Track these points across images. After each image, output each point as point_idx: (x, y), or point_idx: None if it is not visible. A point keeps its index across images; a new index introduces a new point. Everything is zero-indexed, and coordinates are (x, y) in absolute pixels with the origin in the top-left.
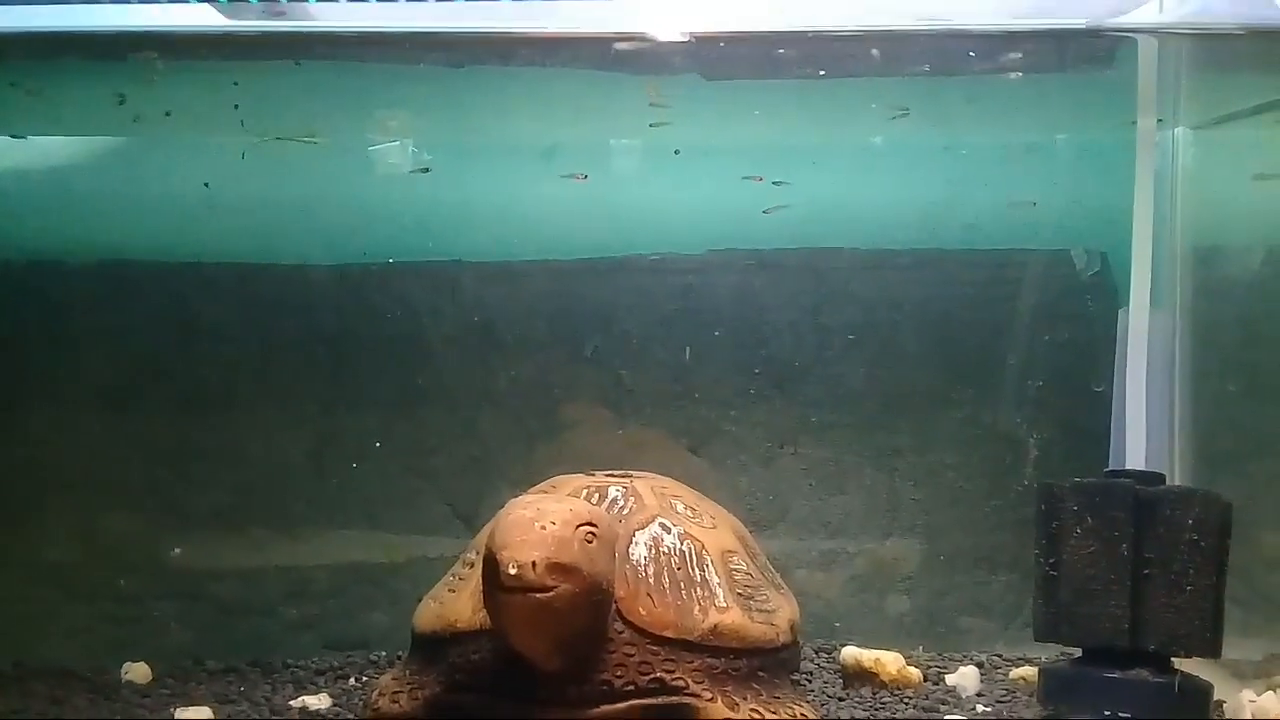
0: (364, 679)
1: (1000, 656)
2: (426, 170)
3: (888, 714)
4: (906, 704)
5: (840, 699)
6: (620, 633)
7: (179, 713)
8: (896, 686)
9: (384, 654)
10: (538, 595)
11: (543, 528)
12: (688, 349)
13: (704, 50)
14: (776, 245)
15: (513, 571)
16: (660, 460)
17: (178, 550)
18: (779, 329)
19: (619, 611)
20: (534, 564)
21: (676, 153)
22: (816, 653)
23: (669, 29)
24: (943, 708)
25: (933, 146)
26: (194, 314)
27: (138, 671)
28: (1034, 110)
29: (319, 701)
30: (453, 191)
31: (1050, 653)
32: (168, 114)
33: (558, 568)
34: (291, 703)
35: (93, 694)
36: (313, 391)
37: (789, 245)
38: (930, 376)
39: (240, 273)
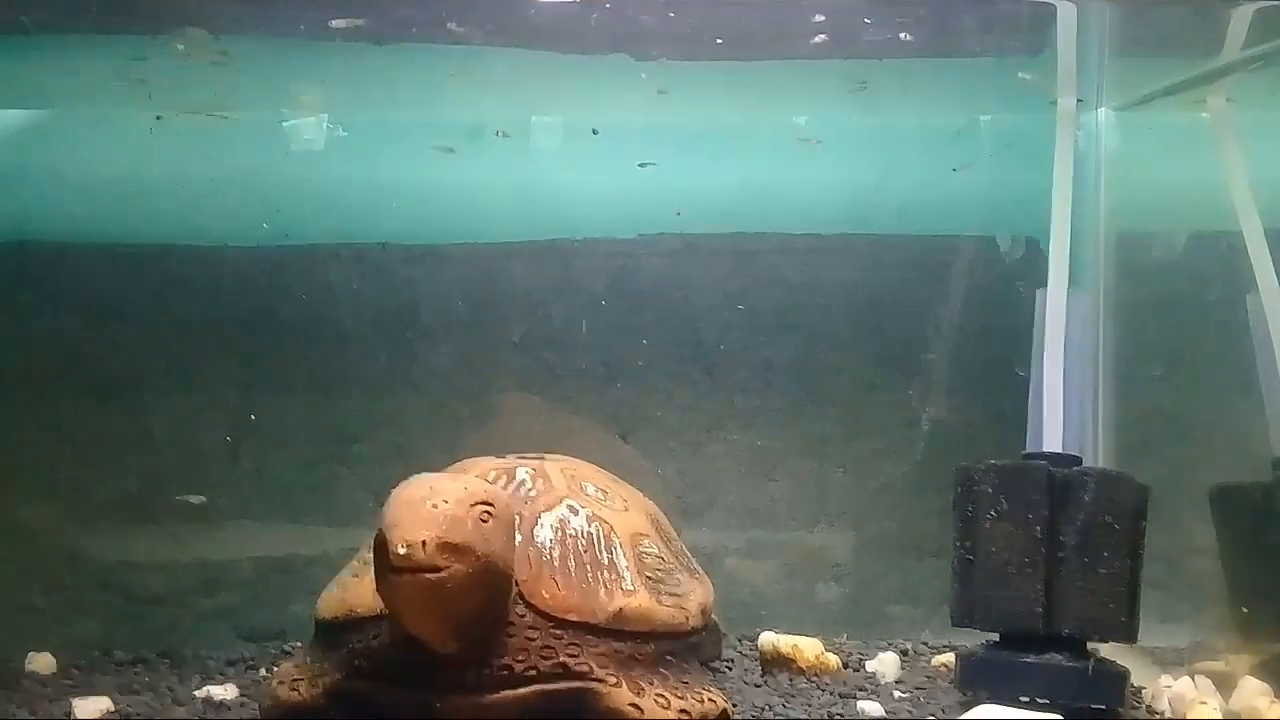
0: (274, 669)
1: (926, 644)
2: (451, 150)
3: (802, 700)
4: (823, 690)
5: (757, 685)
6: (522, 616)
7: (78, 703)
8: (814, 672)
9: (299, 644)
10: (428, 575)
11: (434, 506)
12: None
13: (631, 30)
14: (706, 230)
15: (402, 551)
16: (589, 447)
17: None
18: (708, 314)
19: (521, 594)
20: (424, 543)
21: (595, 132)
22: (740, 640)
23: None
24: (859, 694)
25: (861, 130)
26: (104, 296)
27: (41, 662)
28: (962, 93)
29: (225, 692)
30: (373, 171)
31: (977, 640)
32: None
33: (449, 547)
34: (196, 693)
35: None
36: (229, 376)
37: (718, 230)
38: (858, 362)
39: (153, 254)
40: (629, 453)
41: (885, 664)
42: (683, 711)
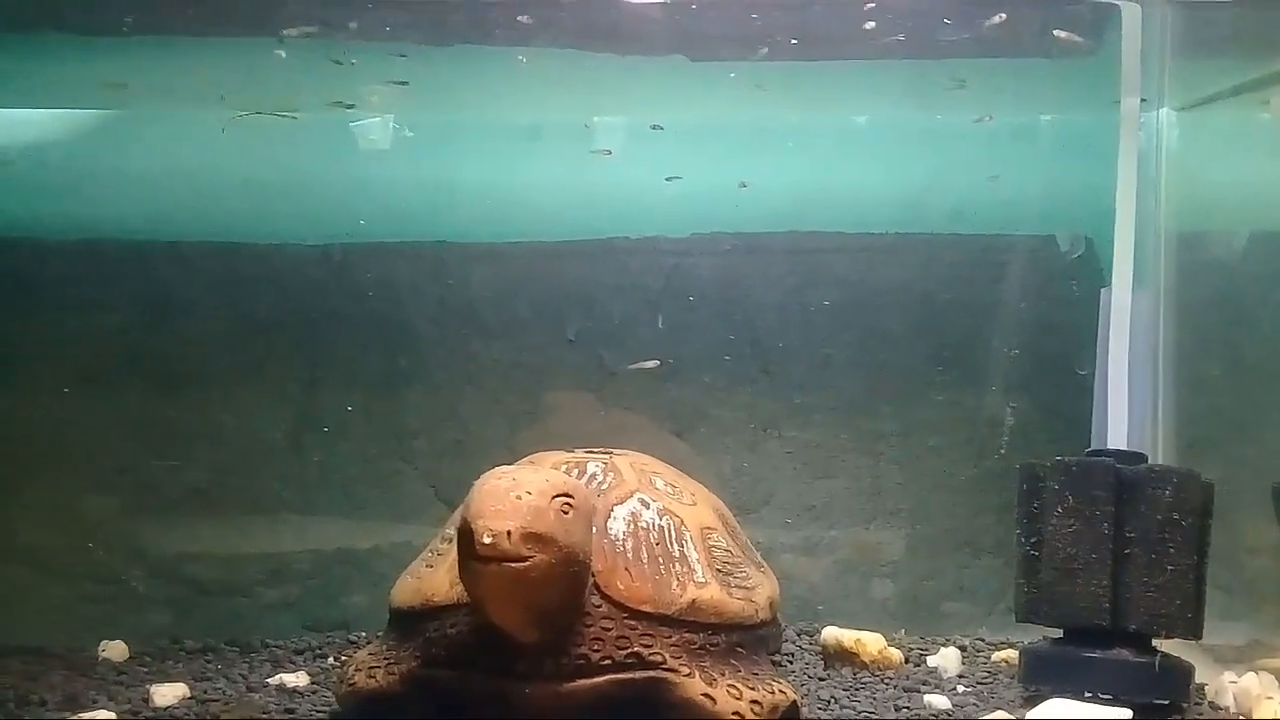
0: (342, 658)
1: (983, 640)
2: (608, 153)
3: (867, 694)
4: (887, 684)
5: (821, 679)
6: (598, 606)
7: (155, 689)
8: (877, 667)
9: (364, 634)
10: (512, 565)
11: (518, 497)
12: (660, 318)
13: (689, 30)
14: (760, 229)
15: (487, 541)
16: (644, 444)
17: None
18: (764, 312)
19: (596, 585)
20: (509, 533)
21: (660, 128)
22: (799, 635)
23: None
24: (923, 688)
25: (916, 129)
26: (173, 293)
27: (115, 649)
28: (1019, 92)
29: (297, 680)
30: (436, 171)
31: (1034, 637)
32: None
33: (533, 537)
34: (269, 680)
35: (68, 671)
36: (293, 372)
37: (773, 229)
38: (915, 360)
39: (220, 251)
40: (685, 450)
41: (947, 659)
42: (754, 702)
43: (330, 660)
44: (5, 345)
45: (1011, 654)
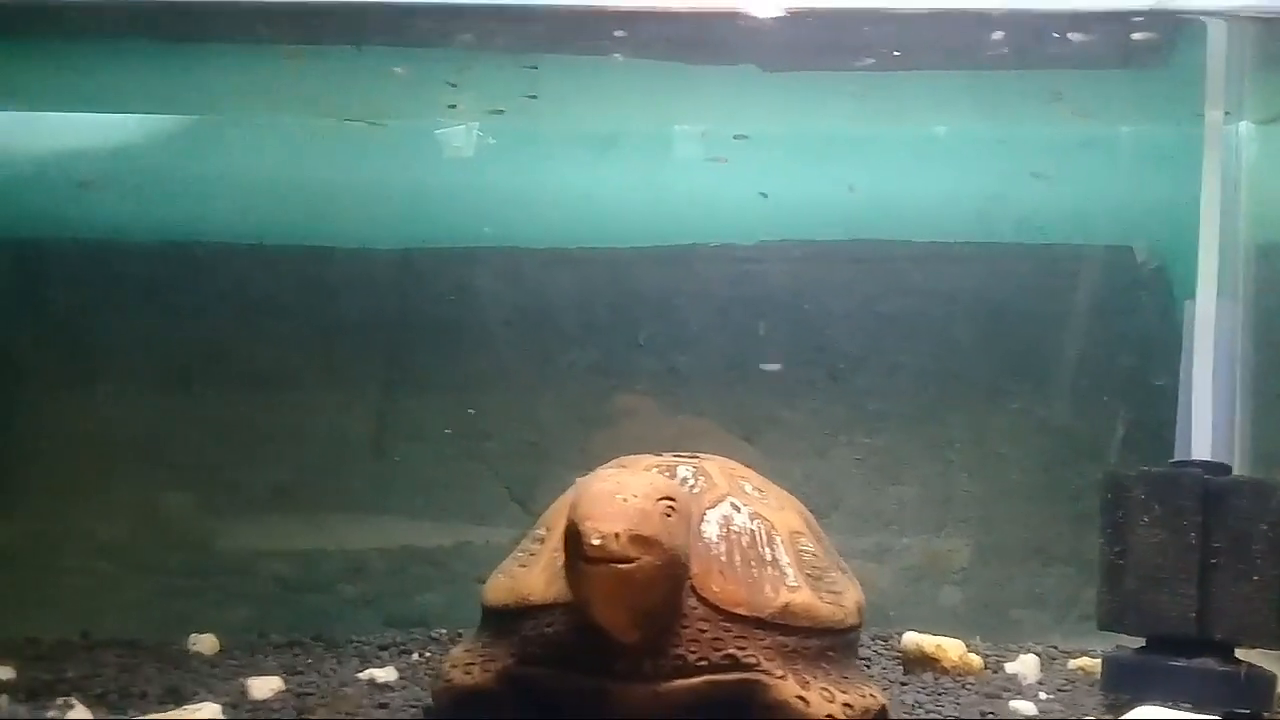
0: (427, 655)
1: (1056, 648)
2: (724, 160)
3: (951, 699)
4: (968, 690)
5: (902, 684)
6: (694, 609)
7: (251, 682)
8: (958, 673)
9: (444, 631)
10: (620, 566)
11: (624, 500)
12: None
13: (762, 41)
14: (829, 237)
15: (596, 542)
16: (714, 448)
17: None
18: (832, 319)
19: (692, 588)
20: (617, 535)
21: (741, 137)
22: (872, 640)
23: (767, 6)
24: (1005, 694)
25: (987, 139)
26: (258, 296)
27: (205, 643)
28: (1097, 104)
29: (386, 674)
30: (513, 178)
31: (1108, 646)
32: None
33: (639, 540)
34: (359, 675)
35: (161, 663)
36: (373, 374)
37: (841, 237)
38: (985, 368)
39: (306, 256)
40: (754, 454)
41: (1026, 666)
42: (846, 705)
43: (414, 656)
44: (93, 346)
45: (1088, 662)
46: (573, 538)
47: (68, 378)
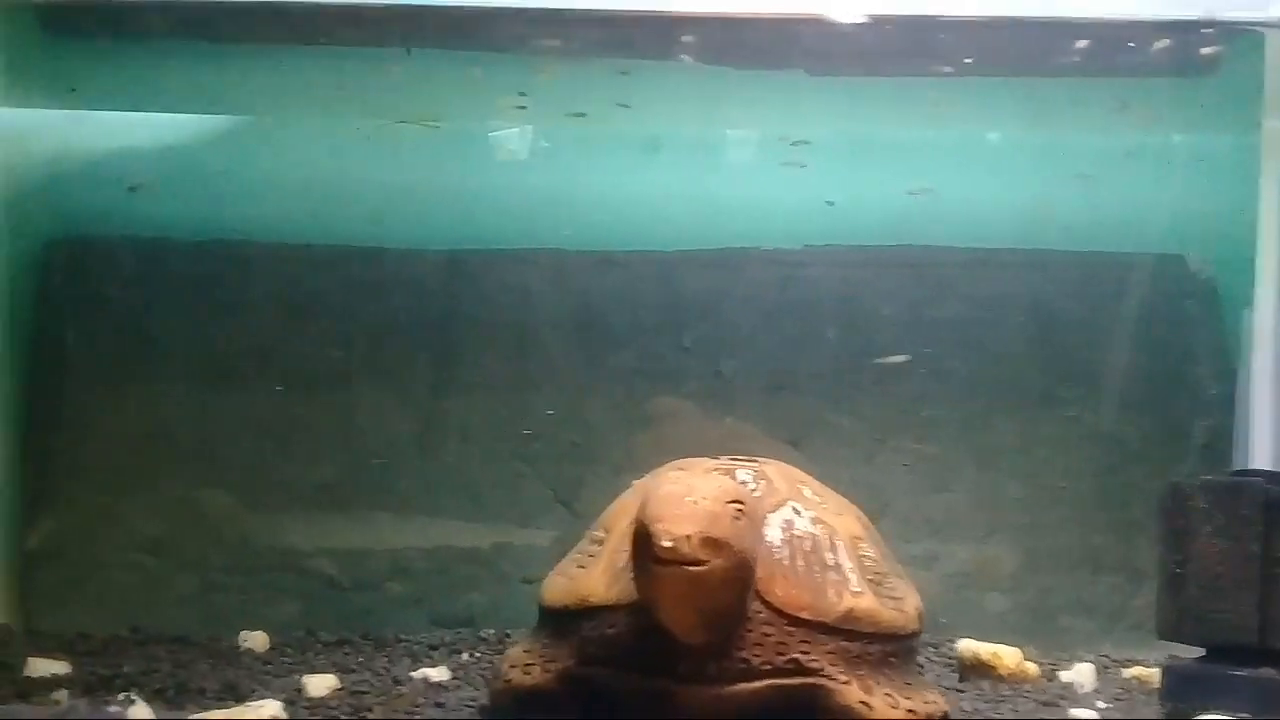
0: (477, 655)
1: (1108, 657)
2: (803, 166)
3: (1010, 707)
4: (1025, 698)
5: (959, 690)
6: (758, 612)
7: (307, 680)
8: (1015, 681)
9: (492, 631)
10: (690, 569)
11: (695, 503)
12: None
13: (808, 45)
14: (874, 242)
15: (667, 544)
16: (759, 452)
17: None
18: (878, 324)
19: (757, 591)
20: (688, 537)
21: (801, 143)
22: (923, 646)
23: (848, 11)
24: (1063, 702)
25: (1034, 146)
26: (306, 295)
27: (256, 640)
28: (1146, 112)
29: (439, 674)
30: (560, 180)
31: (1158, 655)
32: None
33: (710, 542)
34: (412, 674)
35: (213, 660)
36: (419, 374)
37: (886, 242)
38: (1033, 375)
39: (354, 255)
40: (800, 459)
41: (1082, 675)
42: (910, 711)
43: (465, 656)
44: (144, 344)
45: (1143, 671)
46: (643, 539)
47: (118, 375)
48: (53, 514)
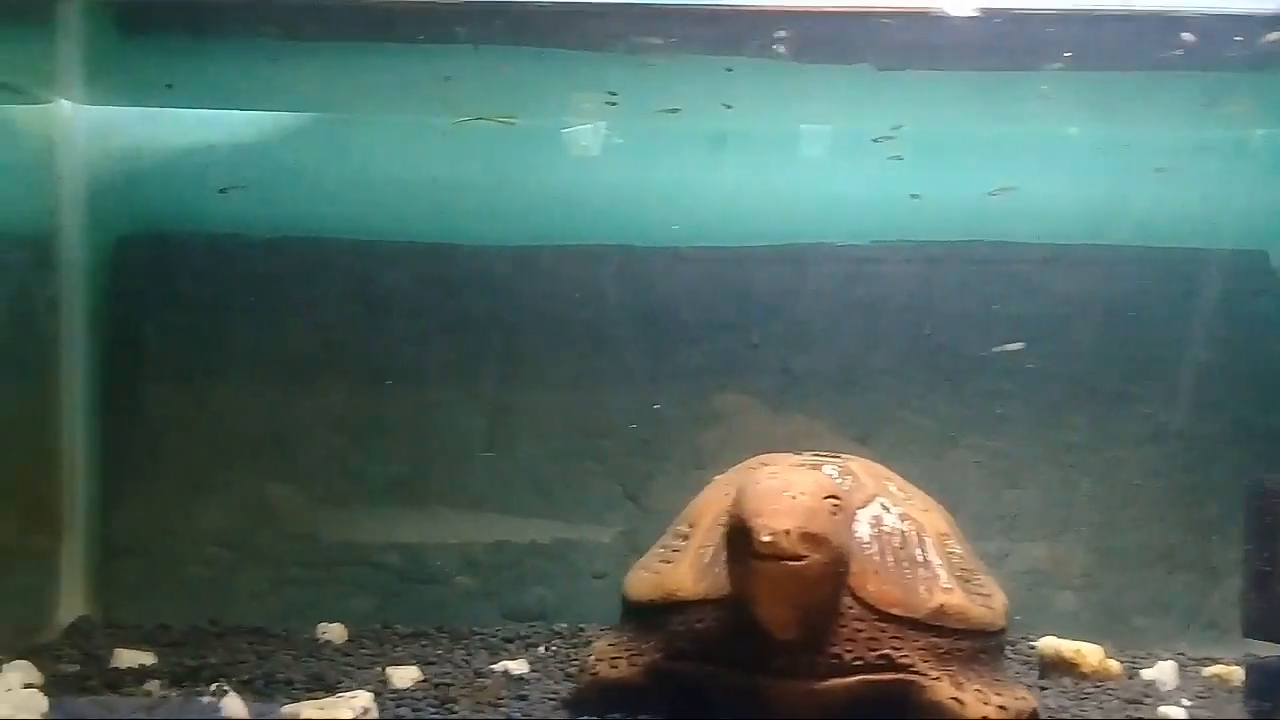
0: (553, 648)
1: (1184, 655)
2: (900, 158)
3: (1094, 704)
4: (1109, 695)
5: (1042, 688)
6: (850, 608)
7: (391, 671)
8: (1098, 678)
9: (565, 626)
10: (789, 564)
11: (793, 497)
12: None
13: (877, 40)
14: (940, 237)
15: (767, 539)
16: (828, 449)
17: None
18: (947, 320)
19: (849, 587)
20: (787, 532)
21: (887, 138)
22: None
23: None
24: (1147, 700)
25: (1104, 141)
26: (378, 291)
27: (335, 631)
28: (1225, 107)
29: (518, 667)
30: (629, 176)
31: (1235, 653)
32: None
33: (809, 537)
34: (492, 667)
35: (294, 651)
36: (489, 370)
37: (954, 238)
38: (1105, 372)
39: (425, 252)
40: (869, 456)
41: (1164, 672)
42: (1001, 708)
43: (541, 650)
44: (217, 339)
45: (1224, 670)
46: (740, 534)
47: (193, 371)
48: (130, 508)
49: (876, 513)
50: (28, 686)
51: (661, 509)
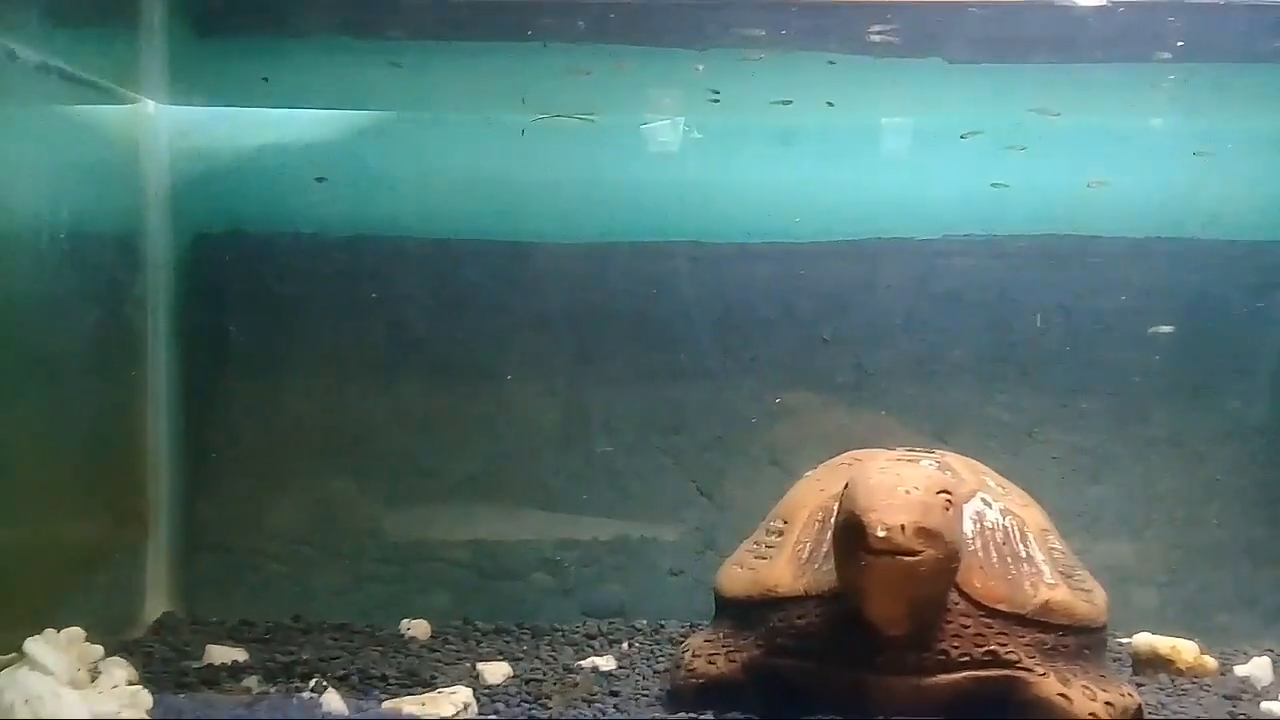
0: (636, 644)
1: (1272, 651)
2: (1023, 148)
3: (1193, 700)
4: (1206, 691)
5: (1140, 684)
6: (956, 604)
7: (482, 667)
8: (1193, 674)
9: (645, 622)
10: (905, 559)
11: (907, 492)
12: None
13: (949, 34)
14: (1010, 231)
15: (881, 534)
16: (904, 445)
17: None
18: (1021, 314)
19: (955, 582)
20: (903, 527)
21: (973, 134)
22: None
23: None
24: (1246, 696)
25: (1180, 134)
26: (452, 289)
27: (419, 628)
28: None
29: (606, 663)
30: (704, 171)
31: None
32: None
33: (924, 532)
34: (581, 663)
35: (381, 647)
36: (564, 367)
37: (1026, 231)
38: (1184, 366)
39: (498, 249)
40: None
41: (1260, 668)
42: (1108, 704)
43: (625, 645)
44: (296, 337)
45: None
46: (853, 529)
47: (272, 368)
48: (212, 504)
49: (979, 508)
50: (131, 684)
51: (735, 505)
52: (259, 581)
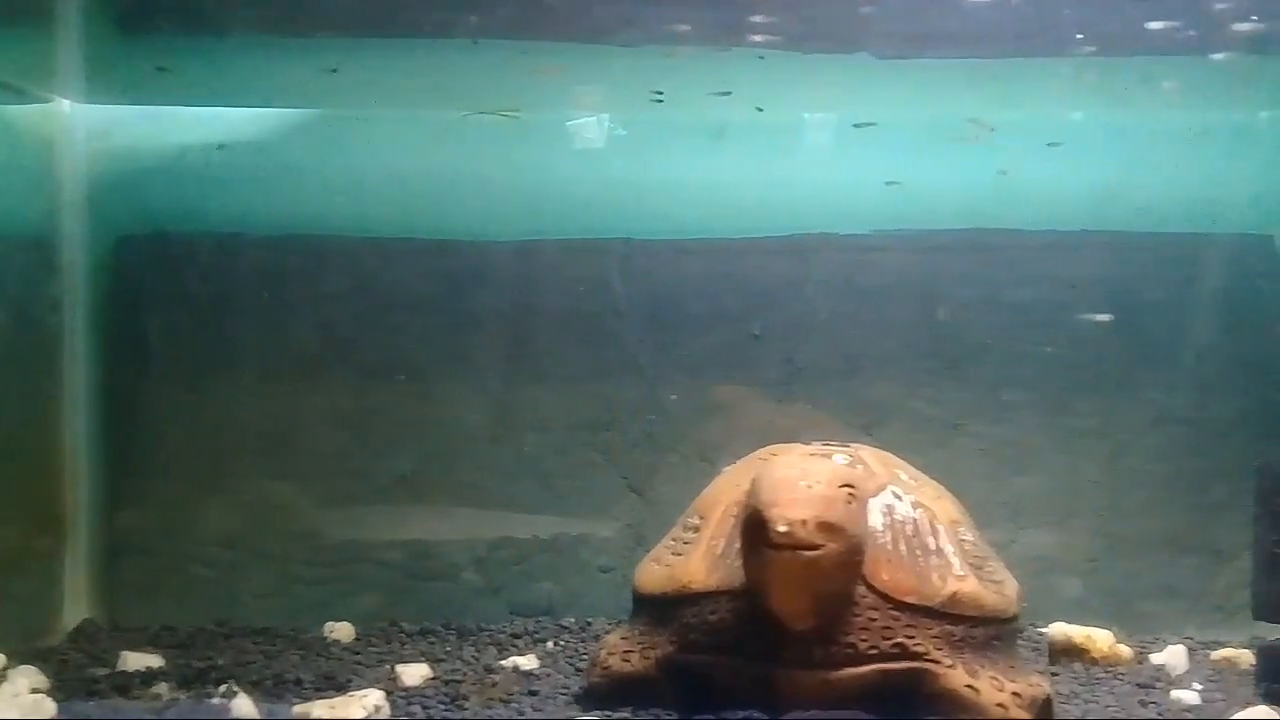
0: (561, 643)
1: (1193, 639)
2: (1057, 144)
3: (1106, 689)
4: (1121, 680)
5: (1054, 673)
6: (863, 597)
7: (400, 669)
8: (1108, 664)
9: (572, 620)
10: (806, 553)
11: (809, 487)
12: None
13: (873, 28)
14: (941, 225)
15: (783, 529)
16: (832, 439)
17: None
18: (949, 308)
19: (862, 576)
20: (804, 522)
21: (865, 125)
22: None
23: None
24: (1159, 684)
25: (1109, 126)
26: (380, 287)
27: (342, 630)
28: (1233, 91)
29: (528, 662)
30: (626, 170)
31: (1242, 637)
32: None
33: (826, 526)
34: (502, 663)
35: (302, 651)
36: (493, 365)
37: (955, 225)
38: (1107, 358)
39: (426, 248)
40: (874, 446)
41: (1175, 657)
42: (1015, 695)
43: (550, 645)
44: (219, 337)
45: (1233, 653)
46: (756, 524)
47: (195, 370)
48: (134, 509)
49: (889, 501)
50: (35, 691)
51: (666, 501)
52: (184, 587)
